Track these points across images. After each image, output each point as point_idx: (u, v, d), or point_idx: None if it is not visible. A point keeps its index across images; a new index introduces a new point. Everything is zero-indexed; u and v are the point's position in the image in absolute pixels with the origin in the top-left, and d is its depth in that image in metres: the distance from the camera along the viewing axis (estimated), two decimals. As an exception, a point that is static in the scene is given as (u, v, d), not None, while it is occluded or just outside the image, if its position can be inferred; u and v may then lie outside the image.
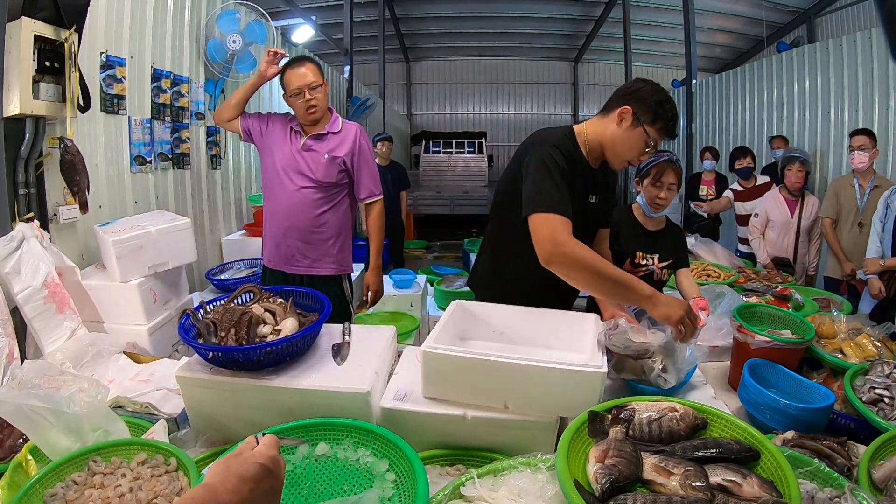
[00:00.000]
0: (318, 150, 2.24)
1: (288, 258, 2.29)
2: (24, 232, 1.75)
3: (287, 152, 2.24)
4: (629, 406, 1.04)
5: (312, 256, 2.29)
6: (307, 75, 2.15)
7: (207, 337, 1.30)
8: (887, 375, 1.29)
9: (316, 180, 2.22)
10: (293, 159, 2.23)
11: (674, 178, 1.92)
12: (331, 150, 2.24)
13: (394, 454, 0.99)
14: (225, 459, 0.63)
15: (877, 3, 1.65)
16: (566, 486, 0.82)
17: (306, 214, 2.24)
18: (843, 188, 3.25)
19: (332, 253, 2.32)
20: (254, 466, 0.61)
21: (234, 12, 3.22)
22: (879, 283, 2.70)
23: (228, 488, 0.58)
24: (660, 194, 1.93)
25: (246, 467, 0.60)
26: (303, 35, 6.37)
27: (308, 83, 2.14)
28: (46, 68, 1.82)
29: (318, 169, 2.22)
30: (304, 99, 2.14)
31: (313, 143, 2.24)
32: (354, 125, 2.33)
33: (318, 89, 2.16)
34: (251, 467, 0.60)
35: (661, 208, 1.96)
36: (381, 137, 5.04)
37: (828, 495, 0.91)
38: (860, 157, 3.07)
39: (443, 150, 11.58)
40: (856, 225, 3.15)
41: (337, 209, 2.31)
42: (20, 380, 1.16)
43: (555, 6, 10.78)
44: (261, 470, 0.61)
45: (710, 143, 6.19)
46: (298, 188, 2.23)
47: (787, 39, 8.43)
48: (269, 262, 2.36)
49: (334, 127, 2.27)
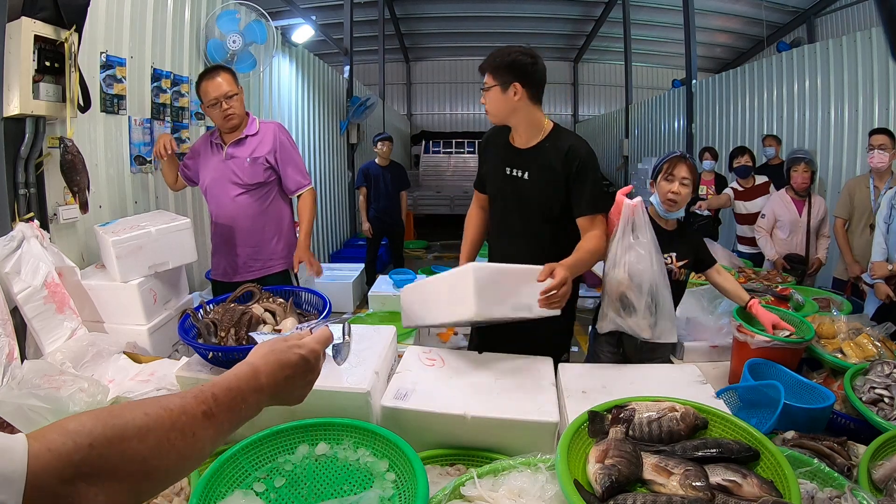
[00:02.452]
0: (239, 155, 2.28)
1: (241, 267, 2.34)
2: (24, 232, 1.75)
3: (213, 166, 2.31)
4: (629, 406, 1.04)
5: (263, 258, 2.35)
6: (222, 85, 2.18)
7: (207, 337, 1.30)
8: (887, 375, 1.29)
9: (245, 184, 2.27)
10: (220, 171, 2.29)
11: (686, 173, 1.82)
12: (251, 152, 2.28)
13: (394, 454, 0.99)
14: (272, 342, 0.66)
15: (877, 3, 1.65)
16: (566, 486, 0.82)
17: (247, 220, 2.30)
18: (858, 189, 3.19)
19: (278, 250, 2.38)
20: (295, 356, 0.64)
21: (234, 12, 3.22)
22: (886, 287, 2.64)
23: (268, 371, 0.62)
24: (672, 188, 1.81)
25: (288, 355, 0.64)
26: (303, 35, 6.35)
27: (223, 93, 2.18)
28: (46, 68, 1.82)
29: (243, 173, 2.27)
30: (220, 108, 2.19)
31: (234, 149, 2.28)
32: (273, 123, 2.38)
33: (233, 98, 2.20)
34: (293, 356, 0.64)
35: (675, 206, 1.84)
36: (381, 137, 5.04)
37: (828, 495, 0.91)
38: (880, 157, 2.98)
39: (443, 150, 11.58)
40: (868, 227, 3.09)
41: (272, 207, 2.36)
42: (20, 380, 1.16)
43: (555, 6, 10.78)
44: (301, 361, 0.64)
45: (710, 143, 6.18)
46: (233, 197, 2.28)
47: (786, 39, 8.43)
48: (221, 276, 2.39)
49: (251, 129, 2.30)
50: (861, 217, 3.15)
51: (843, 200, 3.26)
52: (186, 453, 0.52)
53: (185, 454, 0.52)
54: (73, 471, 0.44)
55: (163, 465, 0.50)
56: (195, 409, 0.53)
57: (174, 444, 0.50)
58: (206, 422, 0.54)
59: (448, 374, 1.34)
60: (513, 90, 1.65)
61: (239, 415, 0.59)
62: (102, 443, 0.46)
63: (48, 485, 0.42)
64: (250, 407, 0.60)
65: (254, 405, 0.60)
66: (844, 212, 3.22)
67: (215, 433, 0.55)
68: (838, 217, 3.25)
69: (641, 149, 9.09)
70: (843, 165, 4.33)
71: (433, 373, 1.34)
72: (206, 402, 0.55)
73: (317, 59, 5.97)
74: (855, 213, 3.18)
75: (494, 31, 11.85)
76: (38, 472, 0.42)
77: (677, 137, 7.49)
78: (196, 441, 0.53)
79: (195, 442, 0.53)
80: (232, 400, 0.57)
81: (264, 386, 0.61)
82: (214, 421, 0.55)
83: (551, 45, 13.01)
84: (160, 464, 0.49)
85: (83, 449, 0.45)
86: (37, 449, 0.43)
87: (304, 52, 5.55)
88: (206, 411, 0.54)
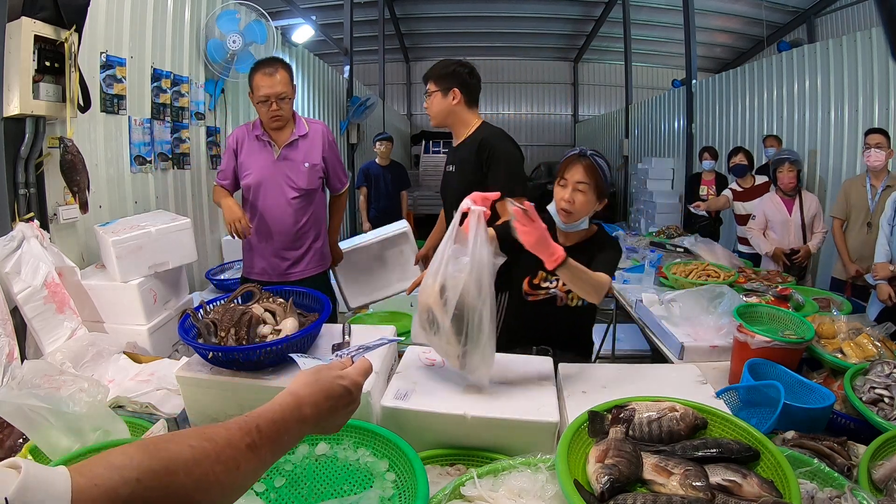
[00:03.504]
0: (294, 158, 2.23)
1: (284, 270, 2.29)
2: (24, 232, 1.75)
3: (264, 164, 2.22)
4: (629, 406, 1.04)
5: (306, 260, 2.32)
6: (277, 86, 2.10)
7: (207, 337, 1.30)
8: (887, 375, 1.29)
9: (301, 189, 2.23)
10: (273, 171, 2.21)
11: (583, 175, 1.50)
12: (306, 157, 2.24)
13: (394, 454, 0.99)
14: (316, 370, 0.66)
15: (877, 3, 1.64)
16: (566, 486, 0.82)
17: (297, 223, 2.26)
18: (854, 188, 3.21)
19: (318, 249, 2.36)
20: (340, 387, 0.65)
21: (234, 12, 3.22)
22: (889, 288, 2.64)
23: (312, 401, 0.61)
24: (564, 195, 1.52)
25: (333, 386, 0.64)
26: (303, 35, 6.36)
27: (277, 93, 2.11)
28: (46, 68, 1.82)
29: (300, 178, 2.22)
30: (269, 108, 2.13)
31: (288, 151, 2.23)
32: (319, 124, 2.34)
33: (285, 100, 2.14)
34: (337, 388, 0.64)
35: (571, 217, 1.53)
36: (381, 137, 5.04)
37: (828, 495, 0.91)
38: (877, 155, 3.02)
39: (443, 150, 11.56)
40: (865, 225, 3.11)
41: (317, 209, 2.35)
42: (20, 380, 1.16)
43: (555, 6, 10.79)
44: (345, 392, 0.65)
45: (710, 143, 6.18)
46: (288, 200, 2.23)
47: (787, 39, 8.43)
48: (259, 275, 2.29)
49: (301, 129, 2.26)
50: (858, 216, 3.17)
51: (839, 201, 3.28)
52: (229, 486, 0.51)
53: (228, 487, 0.51)
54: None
55: (206, 498, 0.49)
56: (240, 442, 0.52)
57: (219, 477, 0.49)
58: (251, 454, 0.53)
59: (448, 374, 1.34)
60: (452, 95, 1.98)
61: (282, 446, 0.58)
62: (149, 476, 0.44)
63: None
64: (293, 438, 0.60)
65: (296, 436, 0.60)
66: (841, 212, 3.24)
67: (258, 465, 0.55)
68: (836, 218, 3.26)
69: (641, 149, 9.08)
70: (843, 165, 4.33)
71: (433, 373, 1.34)
72: (251, 433, 0.54)
73: (317, 59, 5.97)
74: (852, 213, 3.21)
75: (494, 31, 11.87)
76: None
77: (677, 137, 7.50)
78: (240, 474, 0.52)
79: (238, 475, 0.52)
80: (276, 432, 0.57)
81: (308, 417, 0.61)
82: (258, 453, 0.54)
83: (551, 45, 13.02)
84: (204, 497, 0.48)
85: (130, 483, 0.43)
86: (82, 484, 0.41)
87: (304, 52, 5.55)
88: (250, 444, 0.53)
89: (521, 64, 14.14)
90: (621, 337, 3.53)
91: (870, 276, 2.80)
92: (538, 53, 13.64)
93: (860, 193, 3.16)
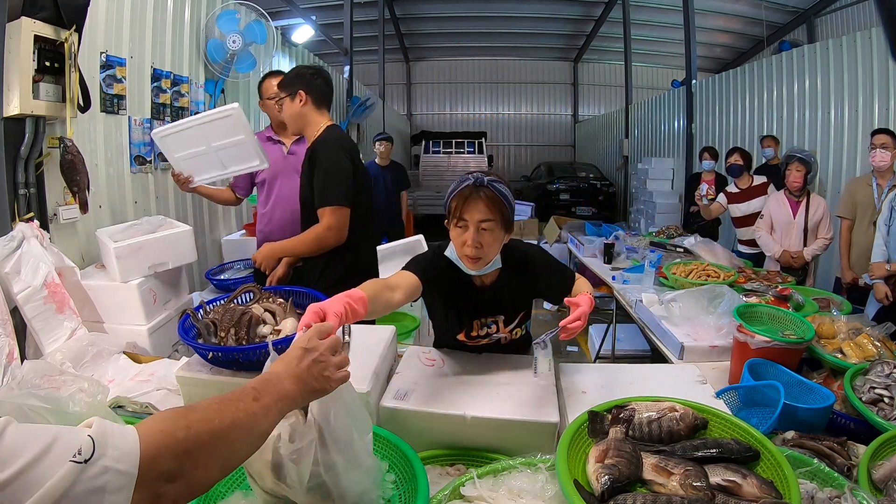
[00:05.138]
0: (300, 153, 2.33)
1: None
2: (24, 232, 1.75)
3: (274, 160, 2.45)
4: (629, 406, 1.04)
5: None
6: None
7: (207, 337, 1.30)
8: (887, 375, 1.29)
9: None
10: (283, 165, 2.45)
11: (485, 212, 1.22)
12: None
13: (394, 454, 0.99)
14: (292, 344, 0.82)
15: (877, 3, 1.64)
16: (566, 486, 0.82)
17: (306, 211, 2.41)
18: (860, 188, 3.19)
19: None
20: (295, 349, 0.80)
21: (234, 12, 3.22)
22: (885, 287, 2.65)
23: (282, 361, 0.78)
24: (466, 238, 1.24)
25: (291, 351, 0.80)
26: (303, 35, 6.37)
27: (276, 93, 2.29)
28: (46, 68, 1.82)
29: None
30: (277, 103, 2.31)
31: (296, 147, 2.48)
32: None
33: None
34: (294, 350, 0.80)
35: (478, 262, 1.28)
36: (380, 137, 5.04)
37: (828, 495, 0.91)
38: (882, 155, 3.01)
39: (443, 150, 11.57)
40: (871, 225, 3.08)
41: None
42: (20, 380, 1.16)
43: (555, 6, 10.79)
44: (300, 352, 0.79)
45: (710, 143, 6.18)
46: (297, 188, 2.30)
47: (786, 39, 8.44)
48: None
49: None
50: (864, 216, 3.15)
51: (844, 201, 3.26)
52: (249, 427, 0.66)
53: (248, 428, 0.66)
54: (180, 448, 0.57)
55: (238, 437, 0.64)
56: (246, 396, 0.68)
57: (241, 419, 0.65)
58: (256, 403, 0.68)
59: (448, 374, 1.34)
60: (298, 97, 1.93)
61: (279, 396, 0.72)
62: (195, 423, 0.60)
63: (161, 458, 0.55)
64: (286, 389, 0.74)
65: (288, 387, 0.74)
66: (848, 212, 3.21)
67: (267, 410, 0.70)
68: (843, 218, 3.24)
69: (641, 149, 9.09)
70: (843, 166, 4.33)
71: (433, 373, 1.34)
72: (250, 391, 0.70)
73: (317, 59, 5.98)
74: (858, 213, 3.19)
75: (494, 31, 11.88)
76: (152, 448, 0.54)
77: (677, 137, 7.50)
78: (255, 417, 0.67)
79: (255, 418, 0.67)
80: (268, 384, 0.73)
81: (283, 372, 0.76)
82: (262, 401, 0.69)
83: (551, 45, 13.03)
84: (236, 436, 0.64)
85: (182, 429, 0.58)
86: (145, 429, 0.56)
87: (304, 52, 5.55)
88: (254, 396, 0.69)
89: (521, 64, 14.15)
90: (621, 337, 3.53)
91: (866, 276, 2.80)
92: (538, 53, 13.65)
93: (866, 193, 3.15)
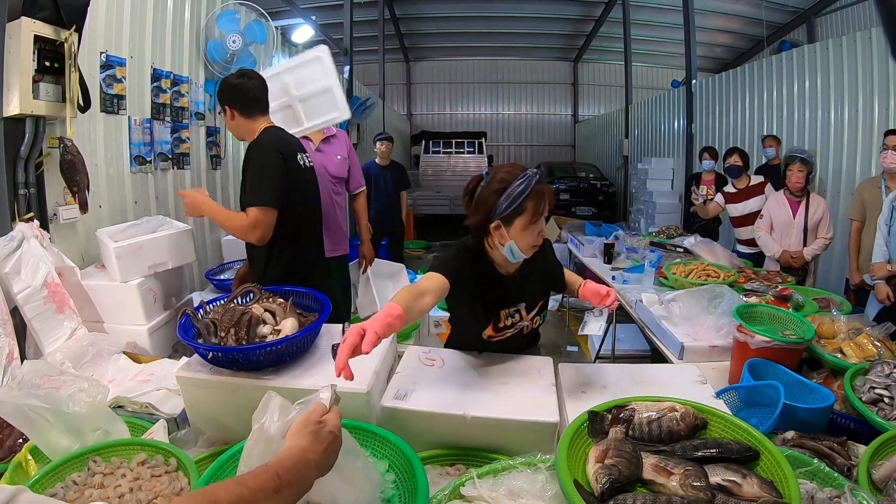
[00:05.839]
0: (328, 151, 2.86)
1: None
2: (24, 232, 1.75)
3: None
4: (629, 406, 1.04)
5: (337, 240, 2.82)
6: None
7: (207, 337, 1.30)
8: (887, 375, 1.29)
9: (335, 176, 2.85)
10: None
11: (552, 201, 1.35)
12: (337, 151, 2.91)
13: (394, 454, 0.99)
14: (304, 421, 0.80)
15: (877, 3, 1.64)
16: (566, 486, 0.82)
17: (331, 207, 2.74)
18: (869, 189, 3.17)
19: (345, 233, 2.95)
20: (328, 434, 0.78)
21: (234, 12, 3.22)
22: (887, 288, 2.64)
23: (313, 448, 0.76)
24: (543, 231, 1.36)
25: (323, 434, 0.78)
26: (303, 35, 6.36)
27: None
28: (46, 68, 1.82)
29: (334, 167, 2.85)
30: None
31: (325, 146, 2.87)
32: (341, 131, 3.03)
33: None
34: (327, 434, 0.78)
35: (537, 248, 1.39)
36: (381, 137, 5.03)
37: (828, 495, 0.91)
38: (892, 157, 2.98)
39: (443, 150, 11.56)
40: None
41: (342, 198, 2.95)
42: (20, 380, 1.16)
43: (555, 6, 10.78)
44: (332, 437, 0.79)
45: (709, 143, 6.17)
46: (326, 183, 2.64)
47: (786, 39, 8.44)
48: None
49: (330, 131, 2.91)
50: (872, 217, 3.12)
51: (854, 203, 3.23)
52: None
53: None
54: None
55: None
56: (268, 486, 0.67)
57: None
58: (276, 496, 0.67)
59: (448, 374, 1.34)
60: (228, 114, 1.91)
61: (298, 487, 0.72)
62: None
63: None
64: (305, 481, 0.73)
65: (308, 478, 0.74)
66: (857, 214, 3.19)
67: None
68: (854, 220, 3.22)
69: (641, 149, 9.08)
70: (843, 166, 4.32)
71: (433, 373, 1.34)
72: (274, 479, 0.68)
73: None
74: (867, 215, 3.16)
75: (494, 32, 11.87)
76: None
77: (677, 137, 7.49)
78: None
79: None
80: (293, 475, 0.71)
81: (312, 461, 0.75)
82: (281, 494, 0.68)
83: (551, 45, 13.03)
84: None
85: None
86: None
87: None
88: (275, 487, 0.67)
89: (521, 64, 14.14)
90: (621, 337, 3.53)
91: (867, 276, 2.80)
92: (538, 53, 13.65)
93: (875, 195, 3.12)
